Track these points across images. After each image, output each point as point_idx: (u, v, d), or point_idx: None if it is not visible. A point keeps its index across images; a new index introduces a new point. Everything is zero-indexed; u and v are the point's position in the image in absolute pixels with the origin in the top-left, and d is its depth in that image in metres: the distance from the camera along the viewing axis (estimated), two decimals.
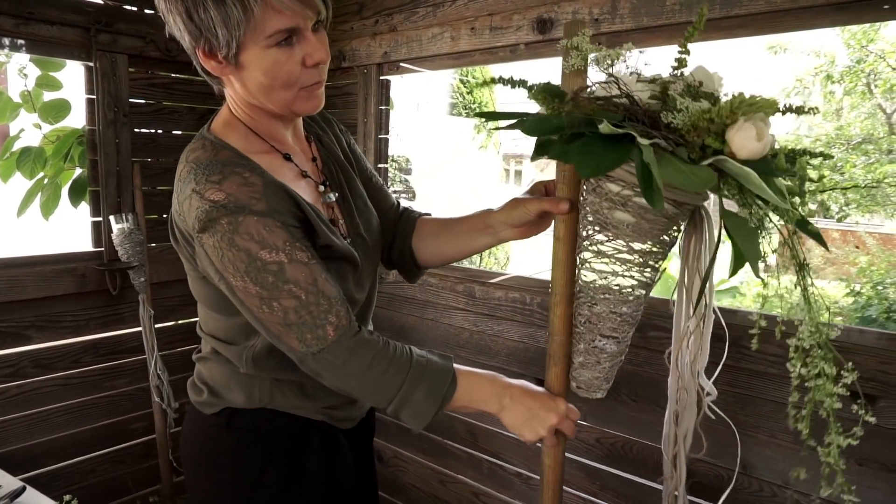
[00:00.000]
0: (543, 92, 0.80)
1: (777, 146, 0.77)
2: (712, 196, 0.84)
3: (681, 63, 0.78)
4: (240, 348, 0.95)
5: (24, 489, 1.21)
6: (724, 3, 1.24)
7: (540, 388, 0.90)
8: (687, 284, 1.00)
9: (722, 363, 1.14)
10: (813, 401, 0.75)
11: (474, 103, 8.71)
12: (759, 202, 0.73)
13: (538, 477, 1.67)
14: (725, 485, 1.35)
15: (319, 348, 0.82)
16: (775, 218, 0.78)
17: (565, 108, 0.78)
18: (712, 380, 1.08)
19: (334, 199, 0.98)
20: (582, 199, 0.86)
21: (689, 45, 0.78)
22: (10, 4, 1.63)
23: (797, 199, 0.78)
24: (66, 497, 1.11)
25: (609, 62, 0.76)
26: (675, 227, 0.85)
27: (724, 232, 0.81)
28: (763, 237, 0.75)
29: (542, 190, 0.98)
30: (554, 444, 0.91)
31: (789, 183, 0.77)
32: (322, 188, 0.98)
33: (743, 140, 0.68)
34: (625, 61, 0.76)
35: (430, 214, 1.16)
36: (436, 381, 0.84)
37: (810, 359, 0.76)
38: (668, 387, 1.10)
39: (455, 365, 0.88)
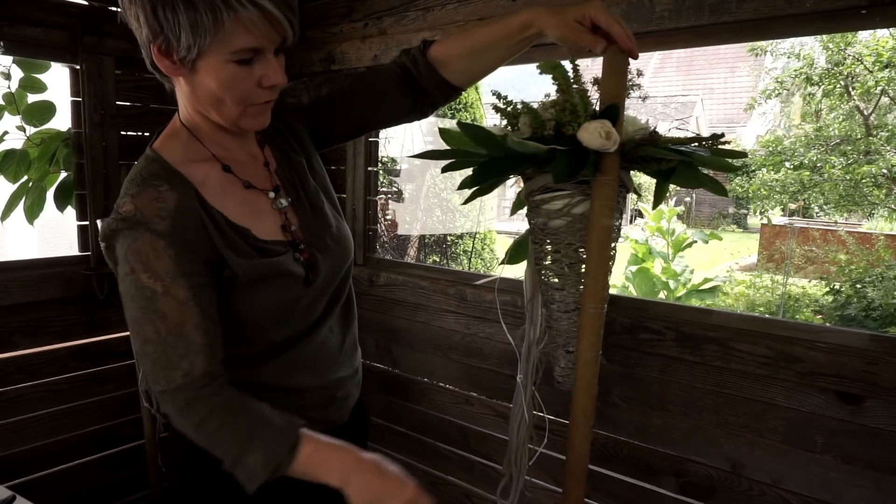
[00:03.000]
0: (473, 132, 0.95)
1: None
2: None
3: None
4: None
5: (13, 498, 1.19)
6: (712, 10, 1.26)
7: (394, 469, 0.83)
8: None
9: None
10: None
11: (459, 103, 8.71)
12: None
13: (526, 477, 1.68)
14: (715, 484, 1.37)
15: (162, 389, 0.81)
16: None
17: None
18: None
19: (286, 203, 0.94)
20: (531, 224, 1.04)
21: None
22: None
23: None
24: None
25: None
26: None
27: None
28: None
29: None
30: None
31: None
32: (273, 195, 0.94)
33: (584, 134, 0.88)
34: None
35: (429, 42, 1.03)
36: (271, 449, 0.80)
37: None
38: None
39: (308, 433, 0.83)
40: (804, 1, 1.15)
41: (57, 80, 2.03)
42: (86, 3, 1.79)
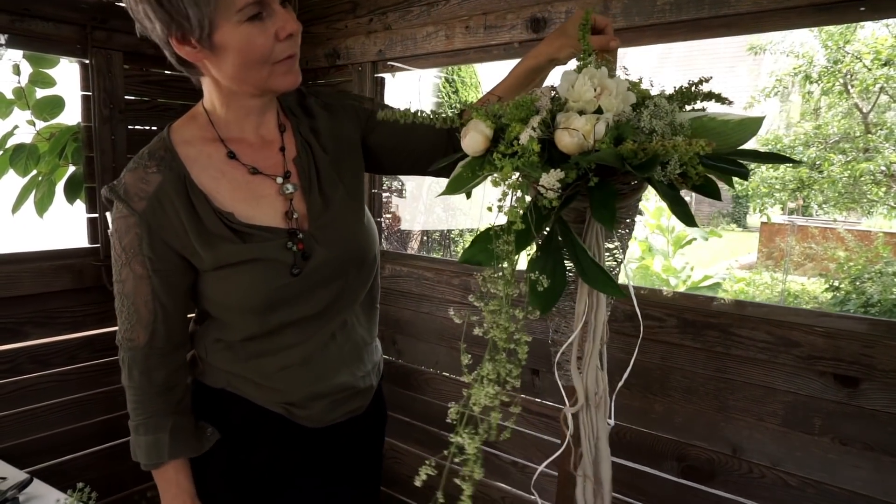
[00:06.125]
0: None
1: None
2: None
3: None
4: (197, 335, 1.03)
5: (30, 480, 1.22)
6: (712, 4, 1.29)
7: None
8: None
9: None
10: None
11: (460, 102, 8.74)
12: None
13: (533, 466, 1.71)
14: (716, 468, 1.40)
15: (118, 340, 0.97)
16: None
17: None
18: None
19: (293, 190, 0.96)
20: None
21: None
22: (5, 1, 1.64)
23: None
24: (80, 485, 1.11)
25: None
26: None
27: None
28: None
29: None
30: None
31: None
32: (280, 180, 0.96)
33: (559, 136, 0.74)
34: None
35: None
36: (144, 452, 0.97)
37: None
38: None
39: (175, 462, 0.98)
40: None
41: (65, 75, 2.06)
42: None
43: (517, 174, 0.75)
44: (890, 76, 6.07)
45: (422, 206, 6.53)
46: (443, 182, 0.89)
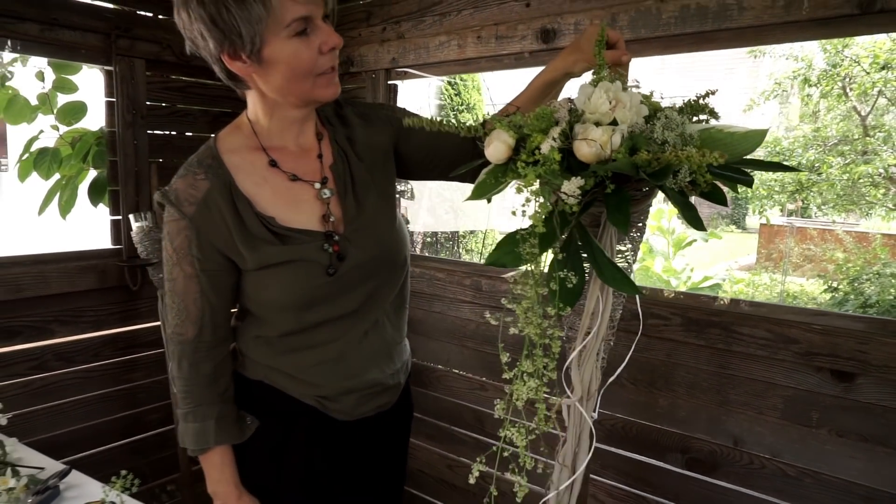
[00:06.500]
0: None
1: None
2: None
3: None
4: (239, 331, 1.10)
5: (69, 470, 1.28)
6: (715, 18, 1.36)
7: None
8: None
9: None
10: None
11: (462, 105, 8.80)
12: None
13: (540, 457, 1.77)
14: (719, 459, 1.47)
15: (168, 335, 1.05)
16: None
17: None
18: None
19: (329, 195, 1.03)
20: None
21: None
22: (35, 11, 1.70)
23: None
24: (123, 472, 1.17)
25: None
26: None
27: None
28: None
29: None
30: None
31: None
32: (318, 185, 1.03)
33: (578, 146, 0.80)
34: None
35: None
36: (192, 438, 1.05)
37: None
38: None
39: (221, 448, 1.06)
40: (801, 9, 1.24)
41: (87, 81, 2.12)
42: (119, 7, 1.89)
43: (538, 181, 0.81)
44: (888, 80, 6.14)
45: (423, 207, 6.61)
46: (444, 184, 0.96)
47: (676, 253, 6.17)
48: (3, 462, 1.30)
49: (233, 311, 1.10)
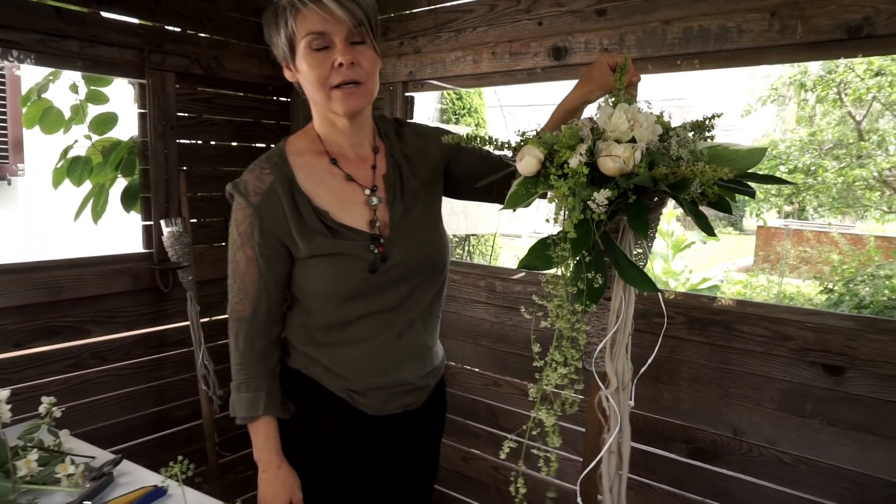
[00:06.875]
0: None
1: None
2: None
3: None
4: (287, 318, 1.21)
5: (121, 459, 1.39)
6: (717, 39, 1.47)
7: (273, 489, 1.19)
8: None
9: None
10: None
11: (463, 108, 8.91)
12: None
13: (557, 451, 1.88)
14: (720, 448, 1.58)
15: (228, 312, 1.18)
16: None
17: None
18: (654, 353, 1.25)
19: (377, 202, 1.14)
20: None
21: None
22: (76, 29, 1.81)
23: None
24: (179, 457, 1.27)
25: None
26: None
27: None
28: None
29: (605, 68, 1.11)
30: None
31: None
32: (368, 192, 1.15)
33: (603, 162, 0.91)
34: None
35: None
36: (242, 407, 1.17)
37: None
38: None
39: (267, 417, 1.17)
40: (795, 33, 1.35)
41: (117, 93, 2.23)
42: (151, 24, 1.99)
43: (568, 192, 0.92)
44: (882, 85, 6.27)
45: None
46: None
47: (675, 255, 6.29)
48: (60, 451, 1.40)
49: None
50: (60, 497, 1.24)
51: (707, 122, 1.00)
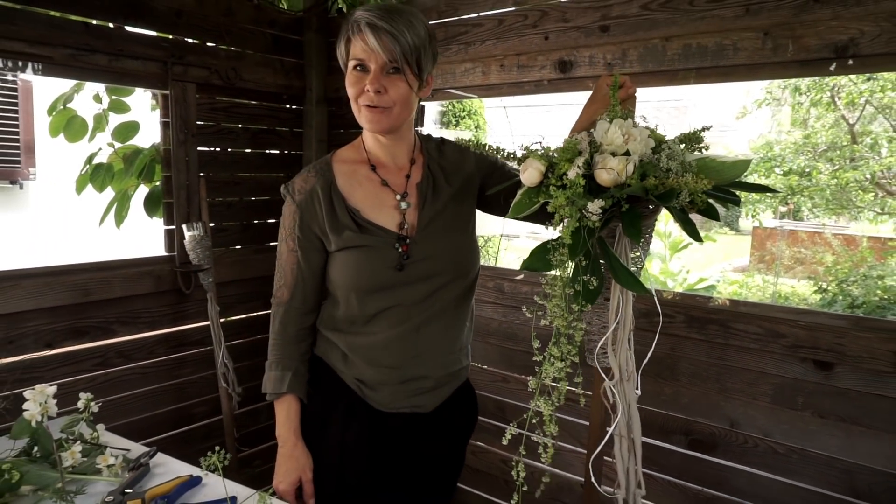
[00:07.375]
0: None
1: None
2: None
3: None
4: (322, 308, 1.33)
5: (156, 451, 1.47)
6: (714, 56, 1.57)
7: (288, 468, 1.29)
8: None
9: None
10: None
11: (463, 111, 9.01)
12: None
13: (560, 443, 1.97)
14: (717, 440, 1.68)
15: (272, 298, 1.32)
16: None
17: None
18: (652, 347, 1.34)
19: (406, 207, 1.25)
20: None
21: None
22: (104, 43, 1.89)
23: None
24: (217, 447, 1.34)
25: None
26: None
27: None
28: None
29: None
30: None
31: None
32: (399, 197, 1.25)
33: (599, 174, 0.99)
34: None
35: None
36: (272, 384, 1.30)
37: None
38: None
39: (290, 396, 1.29)
40: (786, 52, 1.45)
41: (138, 102, 2.32)
42: (173, 37, 2.08)
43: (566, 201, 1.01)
44: (874, 90, 6.39)
45: None
46: None
47: (673, 255, 6.40)
48: (98, 444, 1.49)
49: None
50: (102, 486, 1.32)
51: (697, 134, 1.10)
